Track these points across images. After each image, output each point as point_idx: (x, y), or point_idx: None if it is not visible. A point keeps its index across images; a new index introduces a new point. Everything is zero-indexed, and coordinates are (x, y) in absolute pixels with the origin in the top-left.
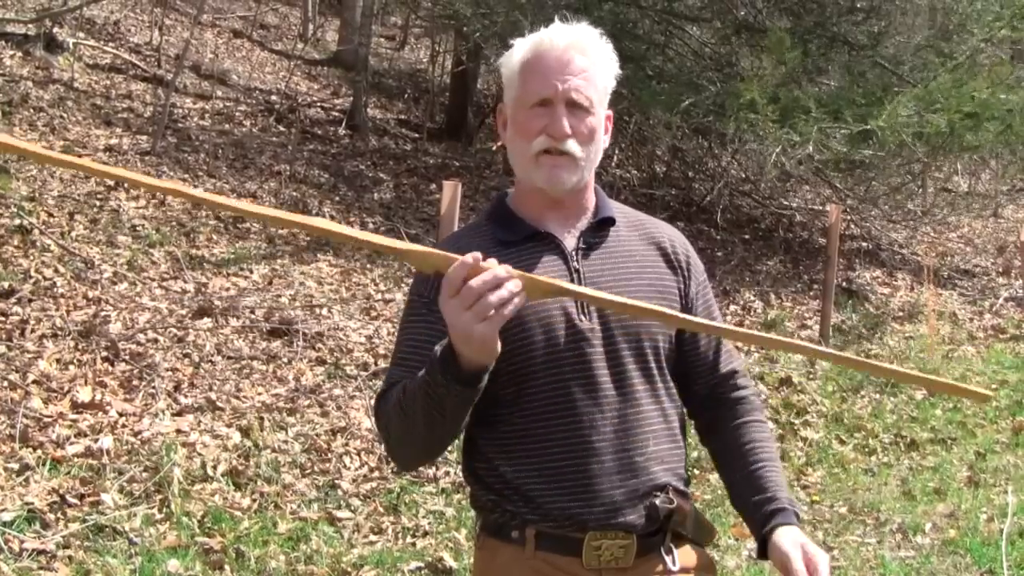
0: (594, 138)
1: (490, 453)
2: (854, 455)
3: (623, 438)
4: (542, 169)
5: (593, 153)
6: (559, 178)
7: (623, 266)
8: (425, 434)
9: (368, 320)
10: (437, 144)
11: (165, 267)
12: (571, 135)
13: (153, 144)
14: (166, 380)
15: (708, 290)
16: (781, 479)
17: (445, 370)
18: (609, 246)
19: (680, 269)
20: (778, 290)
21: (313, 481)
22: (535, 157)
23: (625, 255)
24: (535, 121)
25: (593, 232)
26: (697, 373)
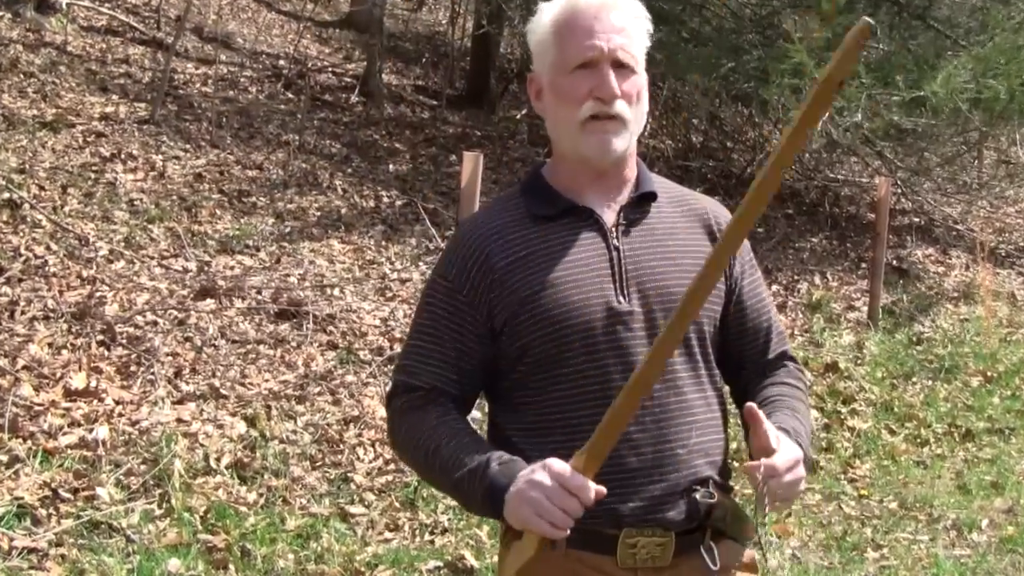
0: (641, 99)
1: (517, 441)
2: (905, 446)
3: (664, 429)
4: (591, 137)
5: (640, 116)
6: (609, 145)
7: (666, 244)
8: (439, 487)
9: (383, 301)
10: (457, 112)
11: (165, 244)
12: (620, 96)
13: (152, 112)
14: (166, 366)
15: (755, 269)
16: (795, 423)
17: (486, 500)
18: (651, 222)
19: None
20: (823, 269)
21: (324, 474)
22: (582, 124)
23: (668, 232)
24: (580, 85)
25: (634, 207)
26: (745, 358)
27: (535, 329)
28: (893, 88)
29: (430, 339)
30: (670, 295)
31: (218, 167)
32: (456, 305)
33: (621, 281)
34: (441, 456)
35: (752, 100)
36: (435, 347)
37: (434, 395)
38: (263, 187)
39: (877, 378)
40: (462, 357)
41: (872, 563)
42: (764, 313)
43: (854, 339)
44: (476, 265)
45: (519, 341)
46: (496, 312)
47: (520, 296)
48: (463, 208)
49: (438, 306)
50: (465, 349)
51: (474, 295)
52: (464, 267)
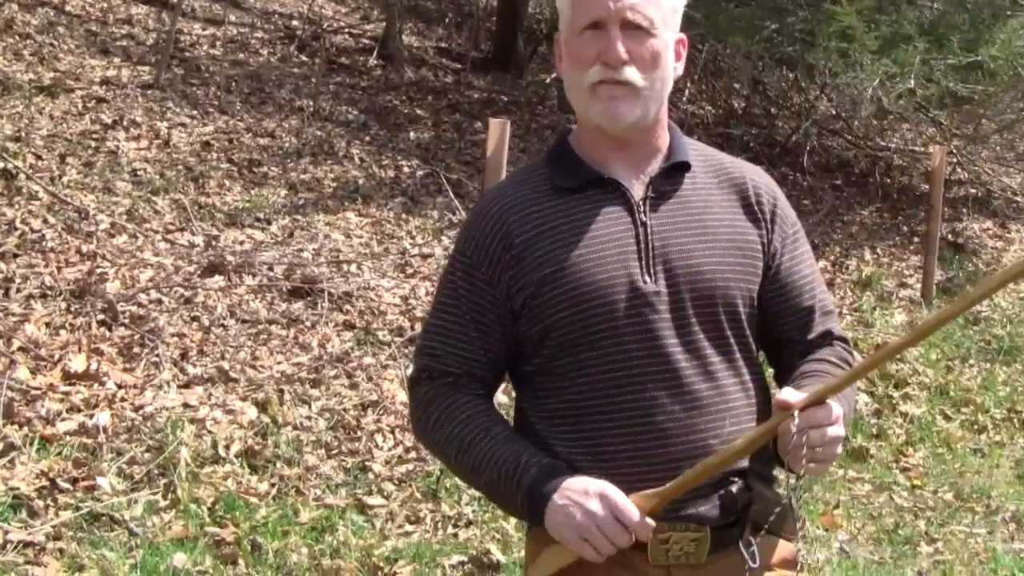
0: (659, 64)
1: (540, 429)
2: (961, 433)
3: (695, 418)
4: (599, 103)
5: (659, 83)
6: (616, 112)
7: (698, 219)
8: (471, 485)
9: (403, 278)
10: (482, 76)
11: (170, 217)
12: (628, 61)
13: (156, 76)
14: (171, 347)
15: (800, 242)
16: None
17: (525, 507)
18: (683, 195)
19: (764, 219)
20: (874, 244)
21: (340, 463)
22: (590, 89)
23: (701, 206)
24: (588, 47)
25: (665, 178)
26: (787, 339)
27: (556, 310)
28: (948, 52)
29: (452, 320)
30: (700, 274)
31: (227, 135)
32: (476, 283)
33: (647, 259)
34: (474, 454)
35: (797, 64)
36: (457, 328)
37: (462, 382)
38: (275, 156)
39: (931, 360)
40: (485, 339)
41: (926, 558)
42: (806, 291)
43: (906, 319)
44: (495, 241)
45: (540, 323)
46: (515, 291)
47: (540, 274)
48: (488, 179)
49: (458, 285)
50: (487, 330)
51: (493, 273)
52: (482, 243)
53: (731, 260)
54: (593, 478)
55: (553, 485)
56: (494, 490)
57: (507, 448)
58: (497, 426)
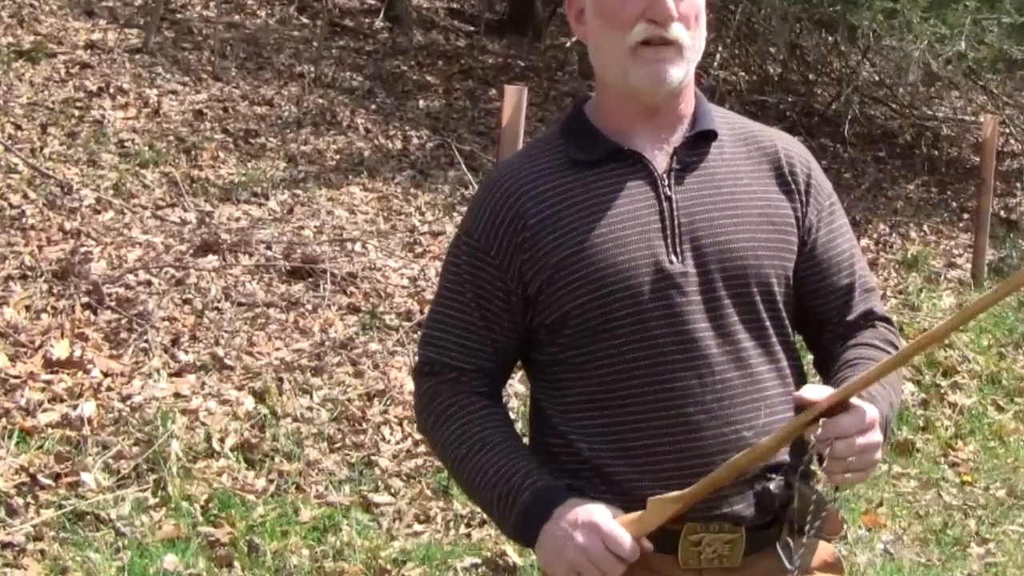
0: (699, 22)
1: (558, 423)
2: (1015, 425)
3: (728, 408)
4: (644, 66)
5: (698, 42)
6: (665, 74)
7: (726, 191)
8: (468, 497)
9: (412, 258)
10: (497, 39)
11: (160, 192)
12: (678, 17)
13: (146, 40)
14: (161, 332)
15: (836, 215)
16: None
17: (518, 531)
18: (710, 166)
19: (798, 191)
20: (920, 220)
21: (344, 457)
22: (632, 51)
23: (729, 177)
24: (631, 4)
25: (690, 148)
26: (825, 320)
27: (574, 295)
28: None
29: (456, 308)
30: (730, 252)
31: (221, 103)
32: (483, 268)
33: (673, 237)
34: (470, 467)
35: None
36: (461, 317)
37: (466, 377)
38: (273, 126)
39: (982, 347)
40: (491, 329)
41: (976, 560)
42: (845, 268)
43: (955, 301)
44: (505, 221)
45: (557, 310)
46: (529, 276)
47: (557, 257)
48: (503, 150)
49: (463, 270)
50: (494, 320)
51: (503, 256)
52: (492, 223)
53: (764, 236)
54: (585, 501)
55: (545, 513)
56: (488, 510)
57: (503, 464)
58: (497, 434)
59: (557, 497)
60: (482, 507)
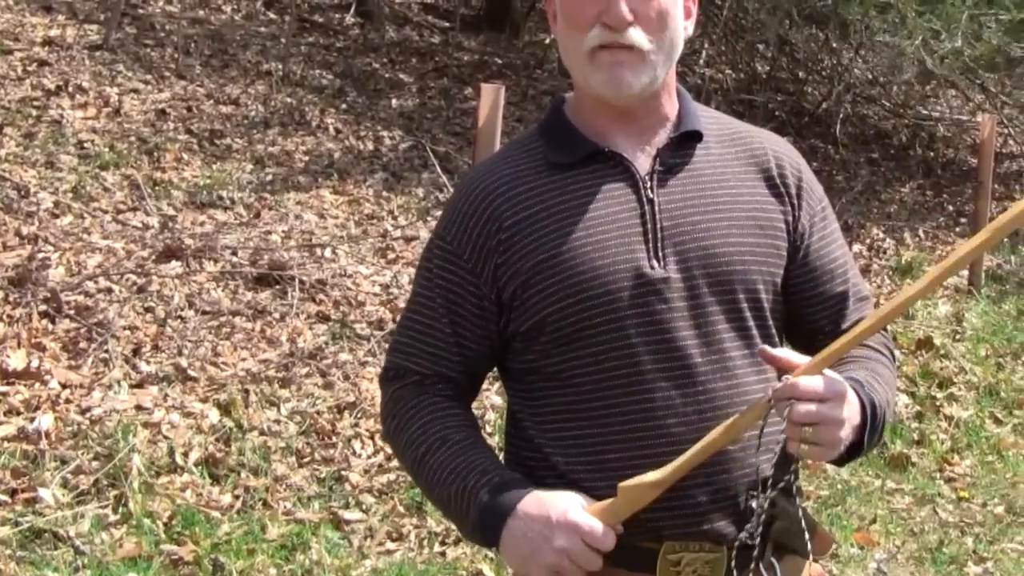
0: (666, 24)
1: (535, 435)
2: (1014, 439)
3: (711, 421)
4: (601, 71)
5: (667, 45)
6: (622, 80)
7: (711, 194)
8: (430, 500)
9: (384, 264)
10: (473, 36)
11: (121, 195)
12: (633, 21)
13: (106, 36)
14: (122, 342)
15: (829, 220)
16: (868, 376)
17: (477, 530)
18: (695, 168)
19: (788, 195)
20: (915, 224)
21: (313, 472)
22: (590, 55)
23: (715, 180)
24: (587, 7)
25: (674, 150)
26: (817, 329)
27: (550, 301)
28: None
29: (425, 314)
30: (716, 257)
31: (185, 102)
32: (455, 273)
33: (655, 241)
34: (429, 465)
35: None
36: (429, 323)
37: (430, 382)
38: (239, 126)
39: (980, 357)
40: (460, 336)
41: None
42: (839, 275)
43: (952, 310)
44: (480, 223)
45: (532, 316)
46: (504, 280)
47: (533, 261)
48: (480, 151)
49: (435, 274)
50: (464, 327)
51: (477, 260)
52: (465, 226)
53: (751, 241)
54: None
55: (507, 509)
56: (447, 510)
57: (461, 461)
58: (458, 432)
59: (517, 491)
60: (440, 507)
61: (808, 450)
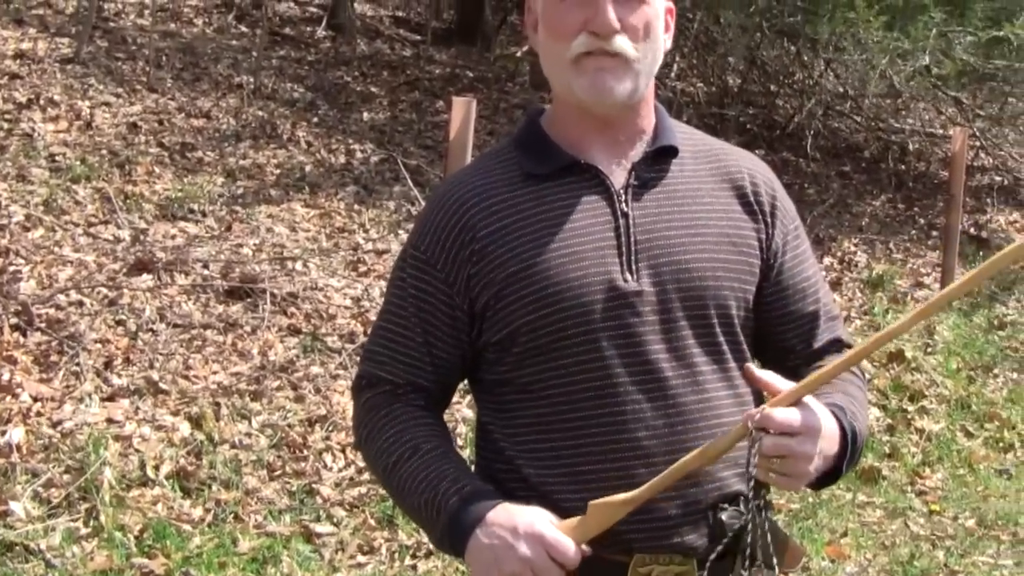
0: (651, 34)
1: (506, 447)
2: (985, 452)
3: (681, 434)
4: (584, 76)
5: (651, 55)
6: (605, 86)
7: (686, 209)
8: (401, 509)
9: (355, 277)
10: (445, 49)
11: (92, 209)
12: (620, 30)
13: (77, 49)
14: (93, 355)
15: (801, 240)
16: (844, 400)
17: (445, 539)
18: (670, 183)
19: (762, 213)
20: (886, 238)
21: (284, 486)
22: (574, 61)
23: (689, 195)
24: (572, 15)
25: (649, 164)
26: (788, 348)
27: (523, 312)
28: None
29: (397, 323)
30: (688, 272)
31: (157, 115)
32: (428, 283)
33: (629, 255)
34: (400, 474)
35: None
36: (401, 333)
37: (402, 391)
38: (211, 140)
39: (951, 370)
40: (432, 345)
41: None
42: (810, 294)
43: (924, 323)
44: (453, 233)
45: (505, 327)
46: (476, 291)
47: (506, 272)
48: (451, 164)
49: (408, 284)
50: (437, 336)
51: (450, 270)
52: (439, 236)
53: (724, 257)
54: (519, 506)
55: (475, 519)
56: (417, 518)
57: (432, 470)
58: (430, 441)
59: (487, 502)
60: (411, 515)
61: (775, 479)
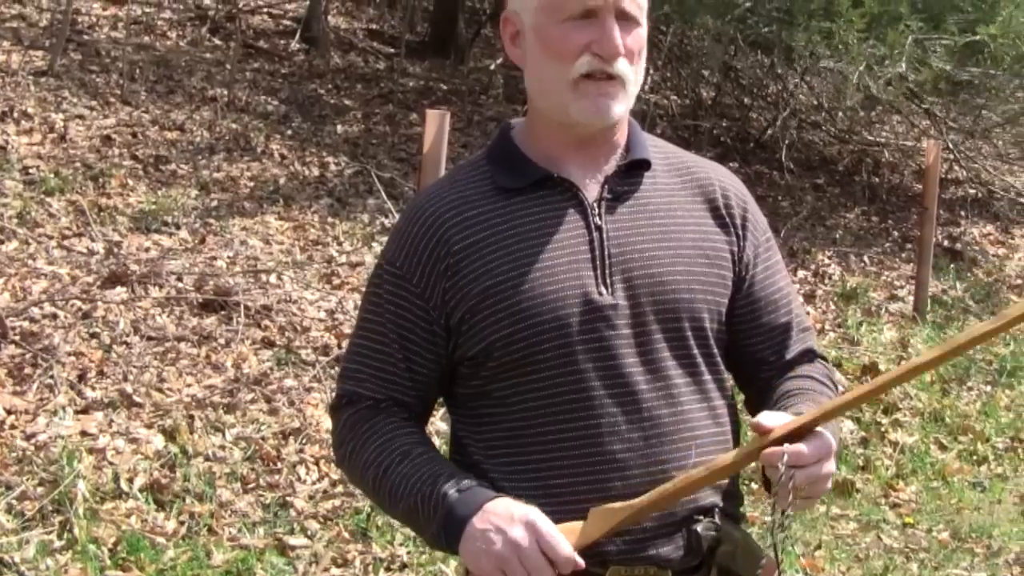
0: (641, 56)
1: (480, 460)
2: (959, 465)
3: (656, 447)
4: (585, 99)
5: (640, 76)
6: (607, 109)
7: (659, 222)
8: (392, 515)
9: (329, 290)
10: (419, 62)
11: (66, 221)
12: (623, 53)
13: (51, 62)
14: (67, 368)
15: (772, 252)
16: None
17: (441, 532)
18: (642, 196)
19: (734, 226)
20: (860, 250)
21: (258, 498)
22: (574, 84)
23: (662, 208)
24: (576, 36)
25: (622, 178)
26: (760, 360)
27: (498, 326)
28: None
29: (375, 339)
30: (662, 285)
31: (130, 128)
32: (405, 297)
33: (604, 268)
34: (392, 479)
35: (774, 47)
36: (380, 348)
37: (384, 406)
38: (185, 152)
39: (925, 383)
40: (411, 361)
41: None
42: (782, 306)
43: (897, 335)
44: (428, 247)
45: (480, 341)
46: (452, 305)
47: (480, 286)
48: (425, 177)
49: (384, 299)
50: (415, 351)
51: (425, 285)
52: (413, 250)
53: (697, 270)
54: (521, 502)
55: (473, 508)
56: (412, 518)
57: (426, 470)
58: (419, 447)
59: (485, 493)
60: (404, 519)
61: (800, 503)
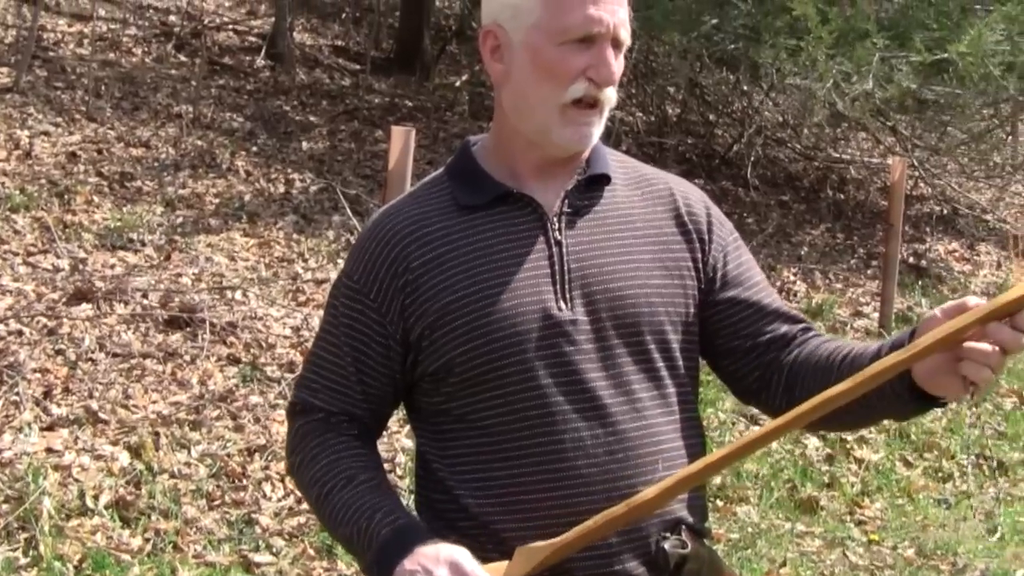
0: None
1: (445, 477)
2: (924, 481)
3: (622, 462)
4: (570, 127)
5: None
6: (588, 137)
7: (618, 236)
8: (331, 535)
9: (295, 306)
10: (384, 79)
11: (31, 238)
12: (615, 81)
13: (16, 79)
14: (33, 384)
15: (742, 250)
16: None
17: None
18: (602, 210)
19: (697, 231)
20: (826, 267)
21: (223, 515)
22: (563, 108)
23: (622, 221)
24: (575, 60)
25: (582, 192)
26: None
27: (458, 343)
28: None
29: (330, 352)
30: (622, 299)
31: (96, 145)
32: (361, 312)
33: (563, 283)
34: (333, 503)
35: (740, 63)
36: (335, 361)
37: (335, 420)
38: (150, 169)
39: None
40: (364, 374)
41: None
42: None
43: None
44: (387, 263)
45: (440, 357)
46: (411, 321)
47: (440, 303)
48: (390, 194)
49: (341, 313)
50: (369, 365)
51: (382, 300)
52: (372, 265)
53: (657, 283)
54: (450, 544)
55: (405, 549)
56: (349, 546)
57: (367, 500)
58: (364, 473)
59: (418, 535)
60: (342, 542)
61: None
